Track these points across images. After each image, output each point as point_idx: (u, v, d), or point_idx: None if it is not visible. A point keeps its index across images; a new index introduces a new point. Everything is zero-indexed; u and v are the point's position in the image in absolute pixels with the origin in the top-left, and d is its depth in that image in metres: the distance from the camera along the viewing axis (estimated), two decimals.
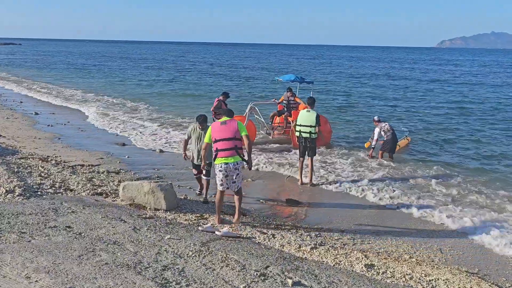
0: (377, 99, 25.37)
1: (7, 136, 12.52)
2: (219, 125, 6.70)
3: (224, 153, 6.61)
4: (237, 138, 6.60)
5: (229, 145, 6.60)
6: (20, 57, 70.21)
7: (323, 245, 6.34)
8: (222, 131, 6.63)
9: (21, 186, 7.30)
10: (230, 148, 6.59)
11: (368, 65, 64.99)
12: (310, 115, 9.55)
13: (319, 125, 9.57)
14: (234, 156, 6.62)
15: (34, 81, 32.00)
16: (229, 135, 6.59)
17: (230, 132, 6.59)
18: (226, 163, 6.62)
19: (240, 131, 6.59)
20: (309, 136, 9.54)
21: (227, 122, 6.70)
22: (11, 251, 4.67)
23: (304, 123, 9.59)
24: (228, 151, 6.60)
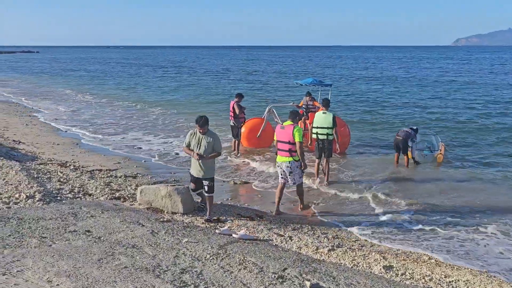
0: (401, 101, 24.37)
1: (26, 142, 12.76)
2: (280, 128, 7.63)
3: (280, 153, 7.62)
4: (291, 142, 7.41)
5: (284, 147, 7.52)
6: (39, 64, 71.53)
7: (341, 247, 6.31)
8: (281, 134, 7.56)
9: (41, 191, 7.42)
10: (284, 150, 7.53)
11: (387, 65, 64.12)
12: (327, 117, 9.57)
13: (336, 126, 9.56)
14: (287, 157, 7.51)
15: (51, 88, 32.56)
16: (285, 139, 7.47)
17: (286, 136, 7.43)
18: (281, 162, 7.61)
19: (294, 137, 7.33)
20: (326, 138, 9.55)
21: (285, 127, 7.52)
22: (33, 256, 4.75)
23: (320, 125, 9.61)
24: (283, 152, 7.57)
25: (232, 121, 12.35)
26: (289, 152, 7.48)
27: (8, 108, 21.27)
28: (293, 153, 7.46)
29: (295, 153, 7.46)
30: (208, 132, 6.97)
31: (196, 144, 6.94)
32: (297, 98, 20.77)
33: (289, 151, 7.47)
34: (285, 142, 7.48)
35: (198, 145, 6.92)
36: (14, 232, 5.44)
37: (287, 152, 7.49)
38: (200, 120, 6.86)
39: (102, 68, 61.15)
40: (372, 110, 21.27)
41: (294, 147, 7.42)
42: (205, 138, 6.94)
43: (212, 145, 6.92)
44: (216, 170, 10.71)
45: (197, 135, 7.00)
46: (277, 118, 13.60)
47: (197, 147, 6.92)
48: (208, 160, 6.96)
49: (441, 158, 11.39)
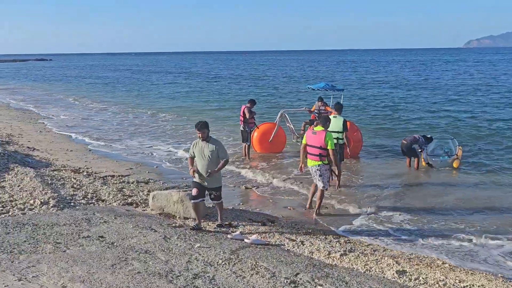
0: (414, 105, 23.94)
1: (40, 149, 12.93)
2: (311, 133, 7.82)
3: (310, 157, 7.85)
4: (322, 147, 7.62)
5: (315, 152, 7.74)
6: (58, 72, 72.51)
7: (353, 251, 6.28)
8: (311, 139, 7.77)
9: (55, 197, 7.52)
10: (314, 154, 7.75)
11: (397, 68, 63.70)
12: (337, 121, 9.58)
13: (347, 130, 9.54)
14: (317, 161, 7.75)
15: (63, 95, 32.98)
16: (316, 144, 7.68)
17: (317, 141, 7.65)
18: (311, 165, 7.88)
19: (325, 143, 7.55)
20: (337, 142, 9.53)
21: (317, 133, 7.71)
22: (48, 261, 4.82)
23: (331, 129, 9.59)
24: (313, 156, 7.79)
25: (242, 125, 12.39)
26: (319, 156, 7.70)
27: (22, 115, 21.59)
28: (322, 157, 7.69)
29: (324, 158, 7.69)
30: (210, 140, 6.63)
31: (199, 153, 6.60)
32: (308, 103, 20.79)
33: (319, 155, 7.70)
34: (316, 147, 7.69)
35: (201, 156, 6.58)
36: (29, 238, 5.52)
37: (317, 156, 7.72)
38: (198, 124, 6.60)
39: (113, 75, 61.77)
40: (385, 114, 21.06)
41: (324, 152, 7.65)
42: (208, 146, 6.57)
43: (216, 153, 6.57)
44: (227, 175, 10.90)
45: (199, 144, 6.65)
46: (290, 123, 13.62)
47: (200, 158, 6.59)
48: (210, 163, 6.59)
49: (458, 163, 11.19)
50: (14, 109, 24.52)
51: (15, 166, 9.48)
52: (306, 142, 7.89)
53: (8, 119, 19.58)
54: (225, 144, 13.98)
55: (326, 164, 7.74)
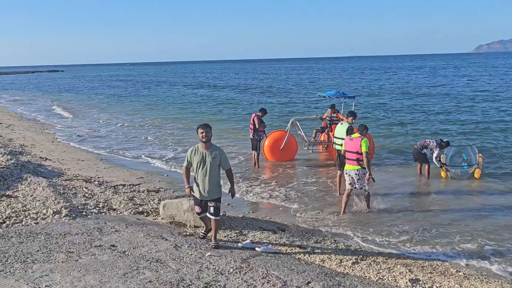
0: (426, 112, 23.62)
1: (52, 159, 13.07)
2: (349, 139, 8.38)
3: (348, 162, 8.37)
4: (359, 152, 8.13)
5: (352, 156, 8.28)
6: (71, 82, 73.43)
7: (365, 259, 6.23)
8: (349, 145, 8.32)
9: (67, 207, 7.58)
10: (352, 159, 8.27)
11: (407, 74, 63.31)
12: (343, 127, 9.69)
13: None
14: (355, 165, 8.26)
15: (74, 105, 33.38)
16: (353, 149, 8.21)
17: (354, 147, 8.17)
18: (350, 170, 8.35)
19: (361, 148, 8.04)
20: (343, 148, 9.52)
21: (354, 139, 8.24)
22: (60, 270, 4.86)
23: (338, 135, 9.76)
24: (351, 161, 8.30)
25: (252, 134, 12.42)
26: (357, 161, 8.24)
27: (34, 126, 21.88)
28: (360, 162, 8.21)
29: (362, 162, 8.19)
30: (212, 147, 6.11)
31: (199, 162, 6.03)
32: (320, 111, 20.77)
33: (357, 160, 8.23)
34: (353, 152, 8.23)
35: (201, 163, 6.03)
36: (42, 247, 5.57)
37: (355, 161, 8.26)
38: (203, 125, 6.11)
39: (122, 84, 62.36)
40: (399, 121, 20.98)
41: (361, 157, 8.14)
42: (210, 154, 6.03)
43: (217, 162, 6.09)
44: (238, 182, 10.91)
45: (199, 150, 6.08)
46: (301, 131, 13.63)
47: (200, 165, 6.03)
48: (215, 178, 6.12)
49: (479, 173, 10.73)
50: (27, 119, 24.85)
51: (28, 176, 9.59)
52: (345, 148, 8.44)
53: (21, 129, 19.85)
54: (235, 153, 14.09)
55: (364, 168, 8.21)
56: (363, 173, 8.24)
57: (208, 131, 6.03)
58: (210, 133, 6.07)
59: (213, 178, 6.08)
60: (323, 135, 14.25)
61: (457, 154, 11.59)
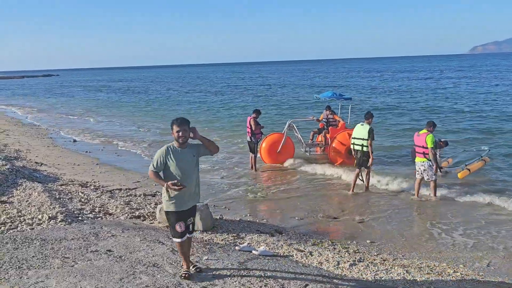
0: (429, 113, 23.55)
1: (48, 164, 13.00)
2: (417, 135, 9.36)
3: (417, 155, 9.38)
4: (425, 147, 9.14)
5: (420, 150, 9.30)
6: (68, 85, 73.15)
7: (362, 261, 6.21)
8: (417, 140, 9.33)
9: (63, 212, 7.53)
10: (419, 152, 9.32)
11: (405, 76, 63.35)
12: (363, 128, 9.80)
13: (372, 139, 9.70)
14: (422, 158, 9.29)
15: (70, 109, 33.28)
16: (420, 144, 9.24)
17: (421, 142, 9.20)
18: (418, 161, 9.37)
19: (427, 144, 9.04)
20: (361, 149, 9.82)
21: (420, 135, 9.24)
22: (56, 276, 4.81)
23: (356, 136, 9.96)
24: (419, 154, 9.34)
25: (249, 136, 12.40)
26: (423, 154, 9.22)
27: (30, 130, 21.77)
28: (426, 155, 9.17)
29: (428, 155, 9.13)
30: (189, 145, 4.93)
31: (177, 164, 4.79)
32: (317, 112, 20.77)
33: (423, 153, 9.22)
34: (420, 146, 9.23)
35: (181, 165, 4.81)
36: (38, 253, 5.52)
37: (421, 154, 9.26)
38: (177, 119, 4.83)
39: (118, 88, 62.29)
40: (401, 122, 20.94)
41: (427, 151, 9.10)
42: (190, 151, 4.92)
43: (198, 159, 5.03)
44: (236, 185, 10.89)
45: (176, 151, 4.83)
46: (298, 133, 13.62)
47: (179, 167, 4.80)
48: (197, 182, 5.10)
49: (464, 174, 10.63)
50: (23, 124, 24.74)
51: (23, 181, 9.53)
52: (415, 142, 9.40)
53: (17, 134, 19.74)
54: (238, 159, 14.04)
55: (429, 161, 9.13)
56: (429, 165, 9.15)
57: (186, 130, 4.77)
58: (187, 131, 4.79)
59: (196, 183, 5.04)
60: (320, 137, 14.27)
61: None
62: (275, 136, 13.50)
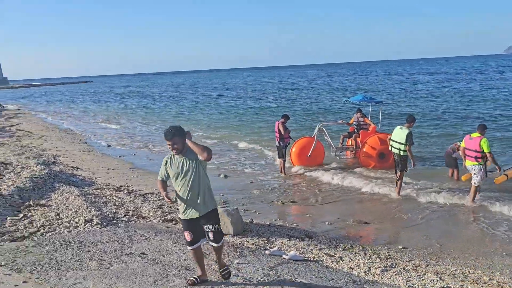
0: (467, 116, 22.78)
1: (84, 168, 13.42)
2: (468, 138, 9.12)
3: (468, 158, 9.15)
4: (477, 151, 8.92)
5: (471, 154, 9.03)
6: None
7: (394, 267, 6.13)
8: (469, 143, 9.07)
9: (98, 215, 7.78)
10: (471, 156, 9.05)
11: (438, 78, 61.81)
12: (402, 132, 9.72)
13: (411, 144, 9.60)
14: (473, 162, 9.05)
15: (104, 115, 34.22)
16: (472, 147, 8.99)
17: (473, 146, 8.96)
18: (468, 165, 9.16)
19: (482, 148, 8.83)
20: (398, 153, 9.76)
21: (473, 138, 8.97)
22: (93, 278, 4.99)
23: (394, 138, 9.92)
24: (470, 157, 9.08)
25: (278, 141, 12.43)
26: (475, 158, 9.01)
27: (66, 136, 22.52)
28: (478, 159, 8.97)
29: (480, 159, 8.96)
30: (188, 151, 4.74)
31: (177, 173, 4.76)
32: (348, 115, 20.61)
33: (475, 157, 9.00)
34: (472, 150, 8.98)
35: (180, 174, 4.75)
36: (75, 255, 5.73)
37: (473, 158, 9.03)
38: (168, 131, 4.66)
39: (150, 93, 63.51)
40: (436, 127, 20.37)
41: (479, 154, 8.92)
42: (188, 159, 4.73)
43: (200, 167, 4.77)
44: (266, 190, 10.95)
45: (174, 159, 4.81)
46: (328, 137, 13.57)
47: (179, 176, 4.76)
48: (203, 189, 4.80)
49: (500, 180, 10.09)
50: (60, 130, 25.62)
51: (60, 185, 9.89)
52: (464, 145, 9.16)
53: (54, 140, 20.47)
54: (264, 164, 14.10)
55: (481, 165, 8.97)
56: (479, 169, 8.99)
57: (176, 141, 4.64)
58: (180, 142, 4.66)
59: (200, 190, 4.78)
60: (350, 140, 14.15)
61: None
62: (305, 140, 13.48)
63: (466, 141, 9.17)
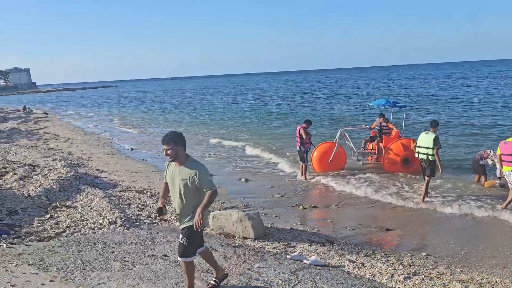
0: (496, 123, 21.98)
1: (108, 171, 13.66)
2: (503, 143, 8.89)
3: (505, 164, 8.85)
4: None
5: (509, 159, 8.77)
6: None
7: (418, 274, 6.04)
8: (504, 148, 8.83)
9: (121, 217, 7.91)
10: (509, 161, 8.76)
11: (465, 83, 60.62)
12: (428, 137, 9.62)
13: (438, 147, 9.50)
14: (509, 167, 8.72)
15: (127, 118, 34.80)
16: (509, 152, 8.73)
17: (510, 150, 8.71)
18: (505, 171, 8.84)
19: None
20: (426, 158, 9.65)
21: (508, 143, 8.77)
22: (117, 279, 5.08)
23: (421, 144, 9.79)
24: (507, 162, 8.79)
25: (299, 146, 12.41)
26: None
27: (91, 139, 22.99)
28: None
29: None
30: (188, 163, 4.50)
31: (170, 181, 4.61)
32: (370, 120, 20.41)
33: None
34: (509, 154, 8.75)
35: (172, 182, 4.59)
36: (99, 256, 5.84)
37: (510, 163, 8.76)
38: (165, 137, 4.46)
39: (173, 96, 64.27)
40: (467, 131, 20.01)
41: None
42: (181, 172, 4.48)
43: (194, 183, 4.44)
44: (286, 194, 10.94)
45: (171, 165, 4.60)
46: (349, 141, 13.47)
47: (172, 185, 4.61)
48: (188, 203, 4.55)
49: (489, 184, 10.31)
50: (85, 133, 26.16)
51: (85, 187, 10.09)
52: (500, 151, 8.96)
53: (80, 143, 20.91)
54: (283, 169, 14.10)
55: None
56: None
57: (172, 147, 4.41)
58: (175, 148, 4.42)
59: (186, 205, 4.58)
60: (371, 145, 14.02)
61: None
62: (326, 145, 13.41)
63: (501, 146, 8.90)
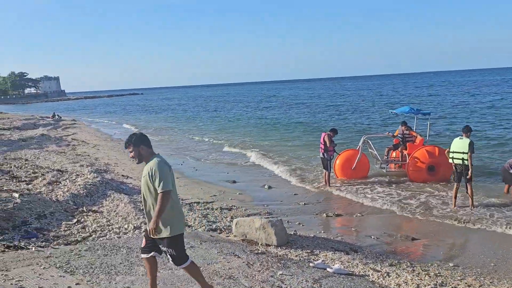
0: None
1: (133, 177, 13.88)
2: None
3: None
4: None
5: None
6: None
7: (445, 285, 5.90)
8: None
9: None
10: None
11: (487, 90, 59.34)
12: (463, 142, 9.56)
13: (472, 152, 9.43)
14: None
15: (151, 124, 35.32)
16: None
17: None
18: None
19: None
20: (462, 163, 9.55)
21: None
22: (141, 283, 5.14)
23: (456, 149, 9.71)
24: None
25: (322, 153, 12.34)
26: None
27: (117, 145, 23.41)
28: None
29: None
30: (149, 159, 4.45)
31: (145, 188, 4.45)
32: (394, 128, 20.13)
33: None
34: None
35: (147, 189, 4.43)
36: (124, 260, 5.93)
37: None
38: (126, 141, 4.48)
39: (196, 105, 64.93)
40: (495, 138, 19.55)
41: None
42: (144, 170, 4.45)
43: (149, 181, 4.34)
44: (310, 201, 10.88)
45: (144, 172, 4.46)
46: (373, 149, 13.33)
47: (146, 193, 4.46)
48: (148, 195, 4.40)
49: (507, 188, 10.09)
50: (111, 140, 26.67)
51: (111, 193, 10.28)
52: None
53: (106, 149, 21.34)
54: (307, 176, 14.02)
55: None
56: None
57: (133, 149, 4.37)
58: (136, 149, 4.36)
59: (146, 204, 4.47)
60: (395, 153, 13.84)
61: None
62: (349, 152, 13.29)
63: None
